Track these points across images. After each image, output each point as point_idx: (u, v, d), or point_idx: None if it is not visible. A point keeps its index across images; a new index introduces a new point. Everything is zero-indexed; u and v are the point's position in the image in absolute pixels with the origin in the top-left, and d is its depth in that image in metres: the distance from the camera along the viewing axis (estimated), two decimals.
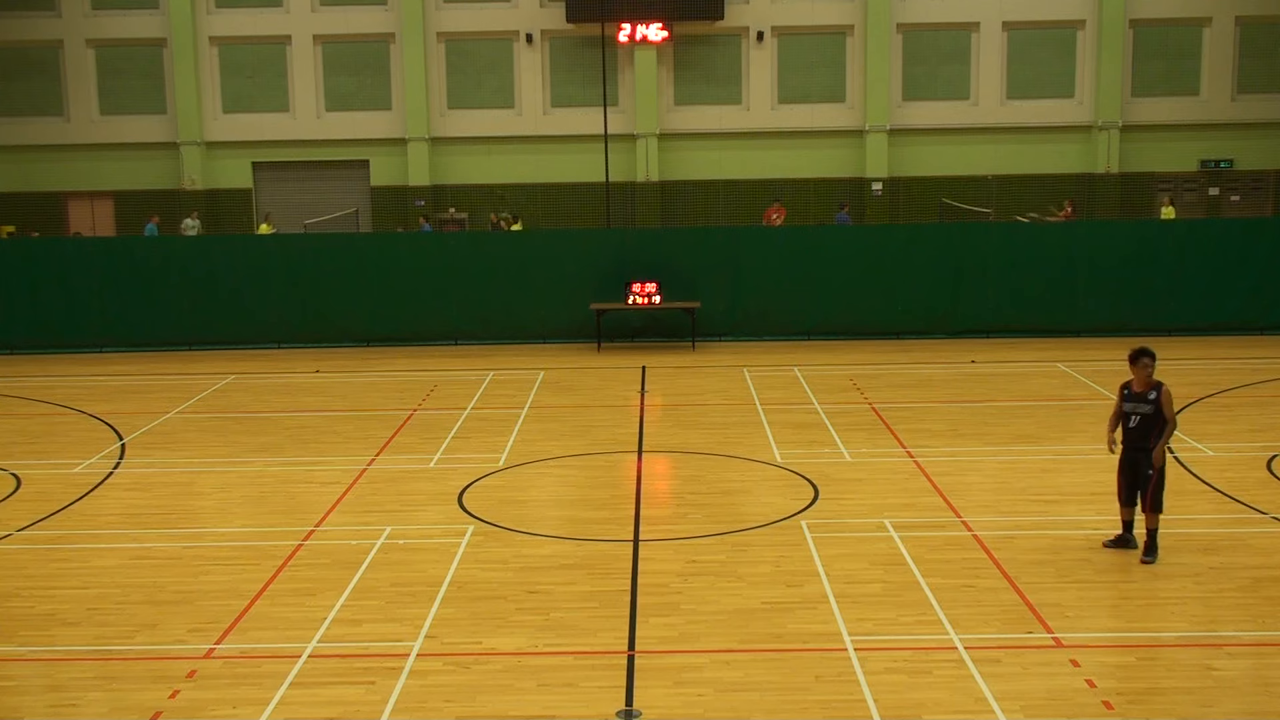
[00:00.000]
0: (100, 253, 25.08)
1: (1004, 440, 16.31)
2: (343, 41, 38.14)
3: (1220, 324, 23.81)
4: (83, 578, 11.65)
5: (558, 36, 37.85)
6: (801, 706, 8.79)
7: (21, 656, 9.94)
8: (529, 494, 14.53)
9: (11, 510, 13.91)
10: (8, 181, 38.19)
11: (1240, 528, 12.49)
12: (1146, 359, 11.60)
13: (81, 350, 24.37)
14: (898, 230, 28.23)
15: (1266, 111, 37.62)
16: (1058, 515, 13.09)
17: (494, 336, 24.62)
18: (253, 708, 8.88)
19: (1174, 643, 9.85)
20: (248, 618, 10.57)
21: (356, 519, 13.34)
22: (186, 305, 24.41)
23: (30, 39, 38.04)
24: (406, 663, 9.58)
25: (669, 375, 21.40)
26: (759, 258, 24.33)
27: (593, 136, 35.64)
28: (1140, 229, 26.65)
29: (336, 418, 18.55)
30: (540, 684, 9.22)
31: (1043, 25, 37.71)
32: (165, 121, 38.46)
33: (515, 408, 18.81)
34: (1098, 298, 23.92)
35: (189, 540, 12.84)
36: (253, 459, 16.08)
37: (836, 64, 38.11)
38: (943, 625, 10.12)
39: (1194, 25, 37.49)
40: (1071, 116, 37.92)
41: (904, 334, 24.28)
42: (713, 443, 16.45)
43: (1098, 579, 11.16)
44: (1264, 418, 17.41)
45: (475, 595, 11.00)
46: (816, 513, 13.21)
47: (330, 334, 24.58)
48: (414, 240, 27.60)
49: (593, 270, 24.35)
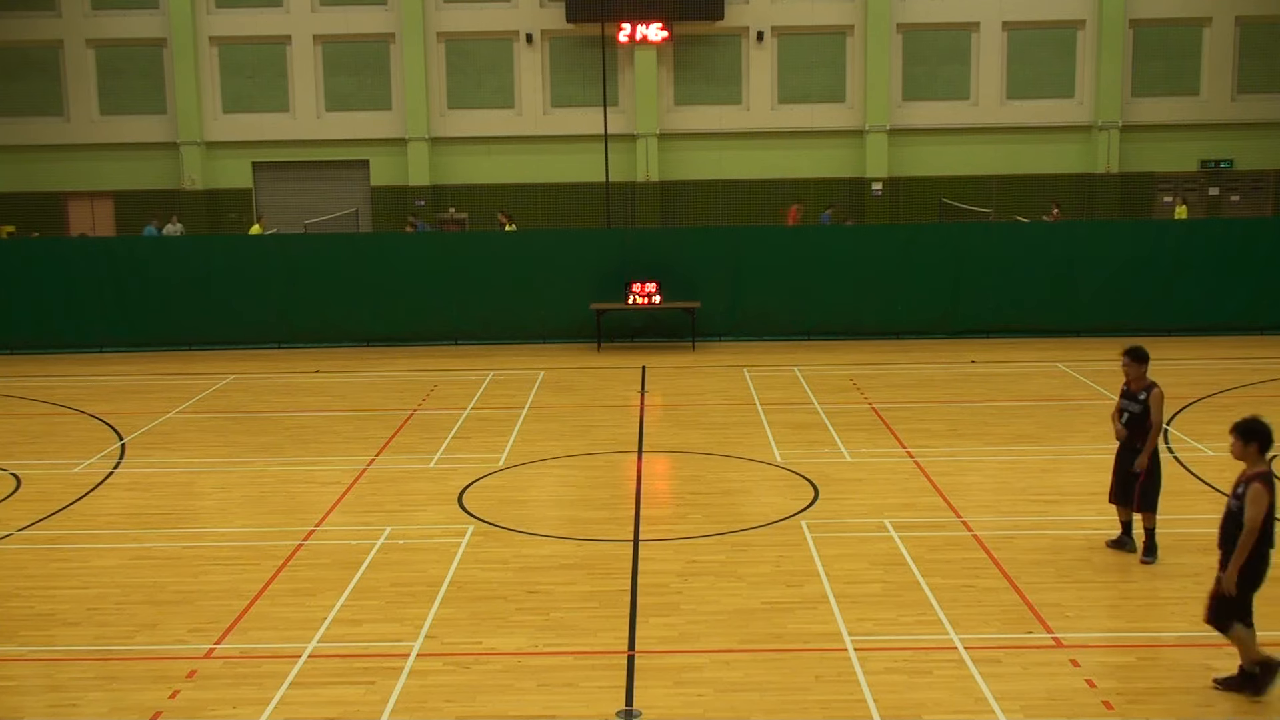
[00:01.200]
0: (100, 253, 25.07)
1: (1004, 440, 16.30)
2: (343, 41, 38.16)
3: (1220, 324, 23.80)
4: (83, 578, 11.65)
5: (558, 36, 37.86)
6: (801, 706, 8.79)
7: (21, 656, 9.94)
8: (529, 494, 14.53)
9: (11, 510, 13.91)
10: (8, 181, 38.21)
11: None
12: (1127, 358, 11.55)
13: (81, 350, 24.37)
14: (898, 230, 28.22)
15: (1266, 111, 37.64)
16: (1058, 515, 13.09)
17: (494, 336, 24.61)
18: (253, 708, 8.88)
19: (1174, 643, 9.85)
20: (248, 618, 10.57)
21: (356, 519, 13.34)
22: (187, 305, 24.39)
23: (30, 39, 38.06)
24: (406, 663, 9.58)
25: (669, 375, 21.40)
26: (759, 258, 24.32)
27: (593, 136, 35.64)
28: (1140, 229, 26.63)
29: (336, 418, 18.55)
30: (540, 684, 9.22)
31: (1043, 25, 37.73)
32: (165, 121, 38.48)
33: (515, 408, 18.81)
34: (1098, 298, 23.92)
35: (189, 540, 12.84)
36: (253, 459, 16.08)
37: (836, 64, 38.13)
38: (943, 625, 10.12)
39: (1194, 25, 37.52)
40: (1071, 116, 37.94)
41: (904, 334, 24.28)
42: (713, 443, 16.45)
43: (1098, 579, 11.16)
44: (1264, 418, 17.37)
45: (475, 595, 11.00)
46: (816, 513, 13.21)
47: (330, 334, 24.58)
48: (414, 240, 27.60)
49: (593, 270, 24.35)
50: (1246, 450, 8.86)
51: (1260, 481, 8.66)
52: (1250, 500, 8.60)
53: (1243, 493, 8.70)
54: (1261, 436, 8.85)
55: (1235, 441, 8.94)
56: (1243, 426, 8.93)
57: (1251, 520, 8.57)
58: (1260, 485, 8.64)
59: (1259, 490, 8.61)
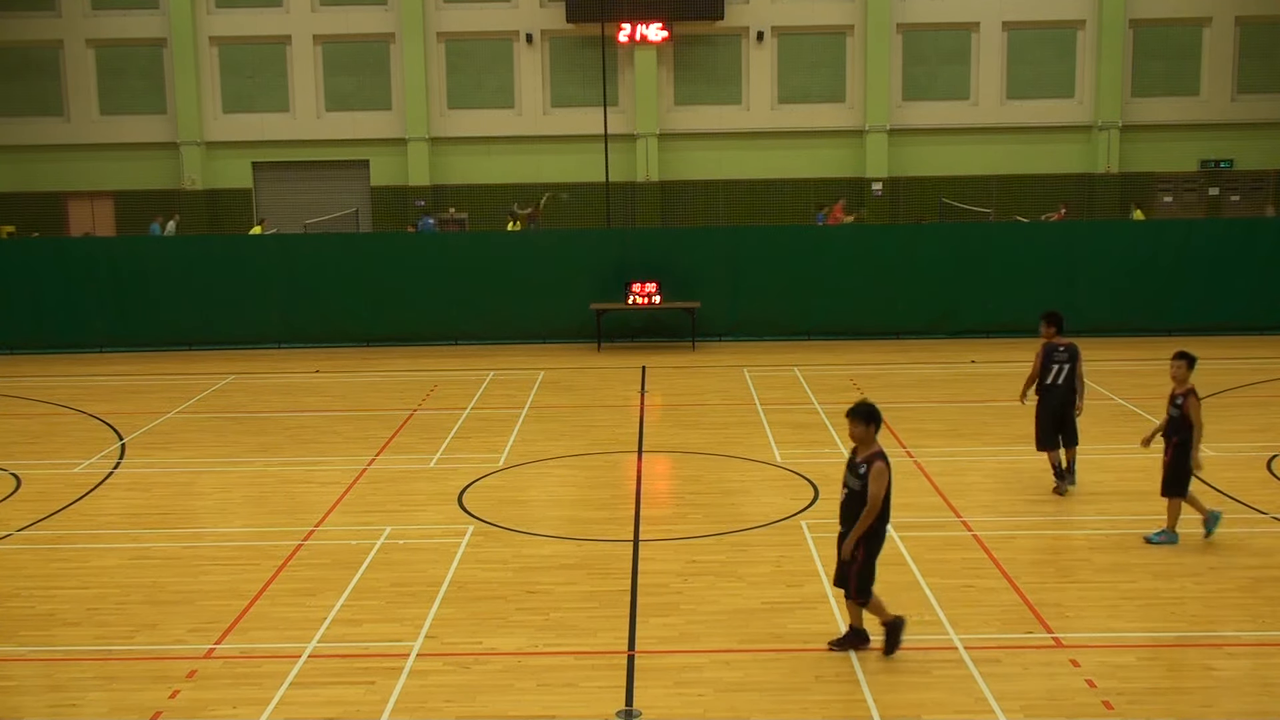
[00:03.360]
0: (100, 253, 25.08)
1: (1004, 440, 16.30)
2: (343, 41, 38.15)
3: (1220, 324, 23.79)
4: (83, 578, 11.65)
5: (558, 36, 37.86)
6: (801, 706, 8.79)
7: (21, 656, 9.94)
8: (529, 494, 14.53)
9: (11, 510, 13.91)
10: (8, 181, 38.20)
11: (1240, 528, 12.48)
12: (1046, 322, 13.62)
13: (81, 350, 24.37)
14: (898, 230, 28.22)
15: (1266, 111, 37.62)
16: (1058, 515, 13.09)
17: (494, 336, 24.61)
18: (253, 708, 8.88)
19: (1174, 643, 9.85)
20: (248, 618, 10.57)
21: (356, 519, 13.34)
22: (186, 305, 24.41)
23: (30, 39, 38.05)
24: (406, 663, 9.58)
25: (669, 375, 21.40)
26: (759, 258, 24.33)
27: (593, 136, 35.63)
28: (1140, 229, 26.64)
29: (336, 418, 18.55)
30: (540, 684, 9.22)
31: (1043, 25, 37.72)
32: (165, 121, 38.47)
33: (515, 408, 18.81)
34: (1098, 298, 23.92)
35: (189, 540, 12.84)
36: (252, 459, 16.08)
37: (836, 64, 38.12)
38: (943, 625, 10.12)
39: (1194, 25, 37.51)
40: (1071, 116, 37.93)
41: (904, 334, 24.28)
42: (713, 443, 16.45)
43: (1098, 579, 11.16)
44: (1264, 418, 17.41)
45: (475, 595, 11.00)
46: (816, 513, 13.20)
47: (330, 334, 24.58)
48: (414, 240, 27.62)
49: (593, 270, 24.35)
50: (867, 432, 9.50)
51: (881, 460, 9.43)
52: (873, 478, 9.35)
53: (865, 472, 9.39)
54: (878, 419, 9.55)
55: (855, 425, 9.52)
56: (860, 410, 9.53)
57: (874, 497, 9.33)
58: (882, 464, 9.41)
59: (881, 469, 9.38)
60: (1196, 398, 11.82)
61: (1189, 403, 11.74)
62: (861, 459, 9.46)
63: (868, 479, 9.35)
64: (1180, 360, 11.93)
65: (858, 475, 9.45)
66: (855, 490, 9.47)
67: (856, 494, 9.45)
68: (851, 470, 9.53)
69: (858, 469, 9.46)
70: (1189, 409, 11.73)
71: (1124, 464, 14.87)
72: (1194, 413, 11.72)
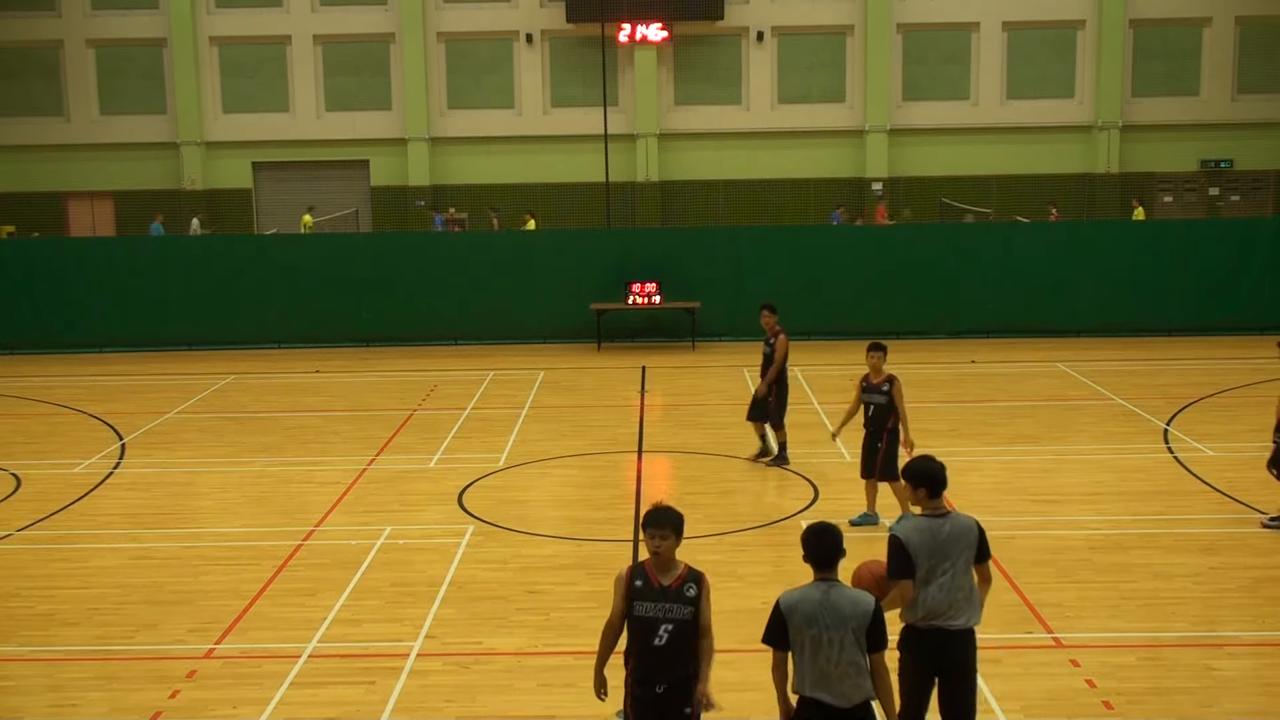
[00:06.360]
0: (100, 253, 25.08)
1: (1004, 440, 16.30)
2: (343, 41, 38.15)
3: (1220, 324, 23.78)
4: (83, 578, 11.65)
5: (558, 36, 37.86)
6: None
7: (21, 656, 9.94)
8: (529, 494, 14.52)
9: (11, 510, 13.91)
10: (8, 181, 38.20)
11: (1240, 528, 12.49)
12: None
13: (81, 350, 24.36)
14: (898, 230, 28.21)
15: (1266, 111, 37.62)
16: (1058, 515, 13.09)
17: (494, 336, 24.61)
18: (253, 708, 8.88)
19: (1174, 643, 9.84)
20: (248, 618, 10.56)
21: (356, 519, 13.34)
22: (186, 305, 24.40)
23: (30, 39, 38.05)
24: (406, 663, 9.58)
25: (669, 375, 21.40)
26: (759, 258, 24.31)
27: (593, 136, 35.63)
28: (1140, 229, 26.64)
29: (336, 418, 18.55)
30: (540, 684, 9.22)
31: (1043, 25, 37.72)
32: (165, 121, 38.47)
33: (515, 408, 18.80)
34: (1098, 298, 23.91)
35: (189, 540, 12.84)
36: (252, 459, 16.07)
37: (836, 64, 38.13)
38: None
39: (1194, 25, 37.51)
40: (1071, 116, 37.93)
41: (904, 334, 24.27)
42: (713, 443, 16.45)
43: (1098, 579, 11.16)
44: (1264, 418, 17.27)
45: (475, 595, 10.99)
46: (816, 513, 13.19)
47: (330, 334, 24.58)
48: (414, 240, 27.59)
49: (593, 270, 24.35)
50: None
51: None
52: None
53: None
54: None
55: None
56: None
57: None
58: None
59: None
60: (899, 383, 12.73)
61: (895, 389, 12.57)
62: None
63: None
64: (877, 352, 12.70)
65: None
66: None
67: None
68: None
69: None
70: (895, 395, 12.56)
71: (1124, 464, 14.87)
72: (898, 398, 12.60)
